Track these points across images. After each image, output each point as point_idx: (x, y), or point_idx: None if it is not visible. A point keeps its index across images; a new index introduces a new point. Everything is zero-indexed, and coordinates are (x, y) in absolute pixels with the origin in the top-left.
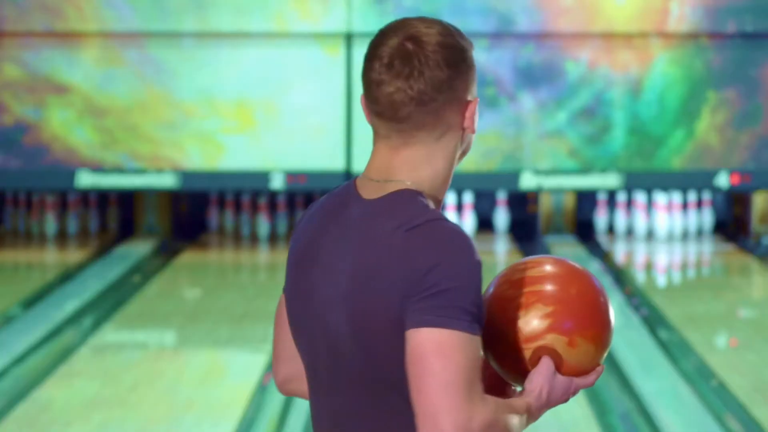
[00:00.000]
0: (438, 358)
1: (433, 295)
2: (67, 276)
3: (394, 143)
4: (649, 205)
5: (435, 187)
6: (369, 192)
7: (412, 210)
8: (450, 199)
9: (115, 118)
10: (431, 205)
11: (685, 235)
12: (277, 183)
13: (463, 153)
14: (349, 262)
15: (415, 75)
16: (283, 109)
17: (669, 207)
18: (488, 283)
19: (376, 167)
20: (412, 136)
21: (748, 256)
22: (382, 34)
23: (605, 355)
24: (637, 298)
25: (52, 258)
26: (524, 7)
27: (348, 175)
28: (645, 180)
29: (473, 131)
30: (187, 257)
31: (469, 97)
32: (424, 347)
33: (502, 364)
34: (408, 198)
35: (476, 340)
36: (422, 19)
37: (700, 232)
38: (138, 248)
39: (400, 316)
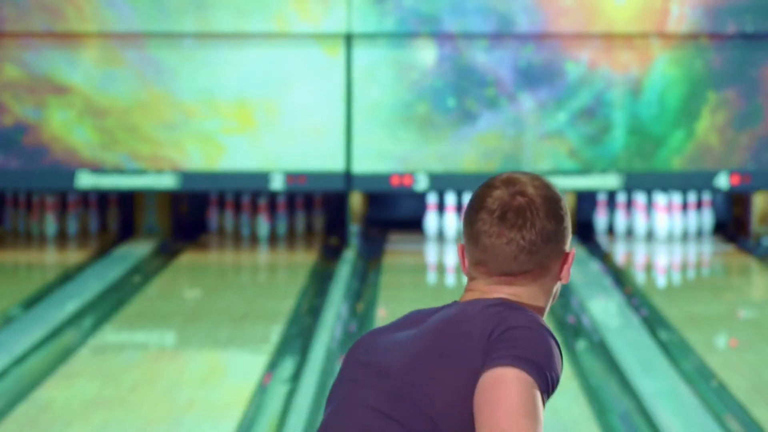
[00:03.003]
0: (514, 387)
1: (514, 346)
2: (67, 276)
3: (495, 285)
4: (649, 205)
5: None
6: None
7: (513, 304)
8: (450, 199)
9: (115, 118)
10: None
11: (685, 236)
12: (277, 183)
13: (552, 300)
14: (442, 314)
15: (527, 227)
16: (283, 109)
17: (669, 207)
18: None
19: (471, 297)
20: (516, 281)
21: (748, 257)
22: (489, 187)
23: None
24: (637, 299)
25: (52, 258)
26: (524, 7)
27: (348, 176)
28: (645, 180)
29: (566, 281)
30: (187, 258)
31: (567, 249)
32: (505, 376)
33: None
34: (507, 301)
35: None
36: (526, 174)
37: (699, 233)
38: (138, 249)
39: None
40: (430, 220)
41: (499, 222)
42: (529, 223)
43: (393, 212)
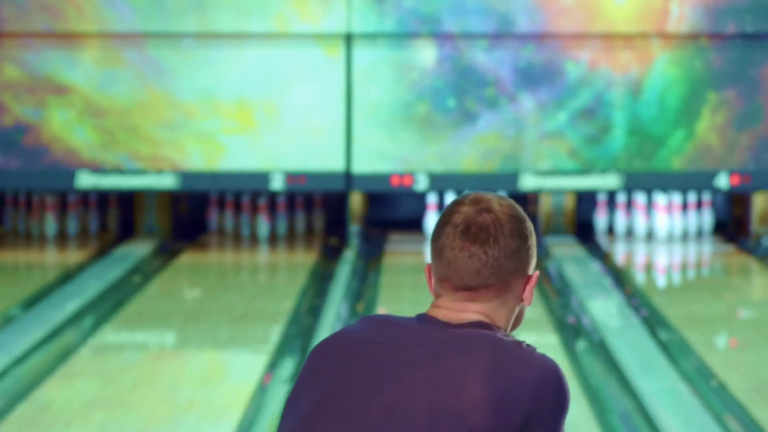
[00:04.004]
0: None
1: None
2: (67, 276)
3: (460, 302)
4: (649, 205)
5: None
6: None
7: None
8: (450, 199)
9: (115, 118)
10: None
11: (684, 236)
12: (277, 183)
13: (515, 324)
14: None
15: (490, 242)
16: (283, 109)
17: (669, 208)
18: None
19: (442, 315)
20: (479, 297)
21: (748, 257)
22: (457, 203)
23: None
24: (637, 299)
25: (52, 258)
26: (524, 7)
27: (348, 176)
28: (645, 180)
29: (529, 303)
30: (187, 258)
31: (530, 271)
32: None
33: None
34: (489, 326)
35: None
36: (494, 194)
37: (699, 233)
38: (138, 249)
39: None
40: (430, 220)
41: (462, 236)
42: (492, 238)
43: (393, 212)
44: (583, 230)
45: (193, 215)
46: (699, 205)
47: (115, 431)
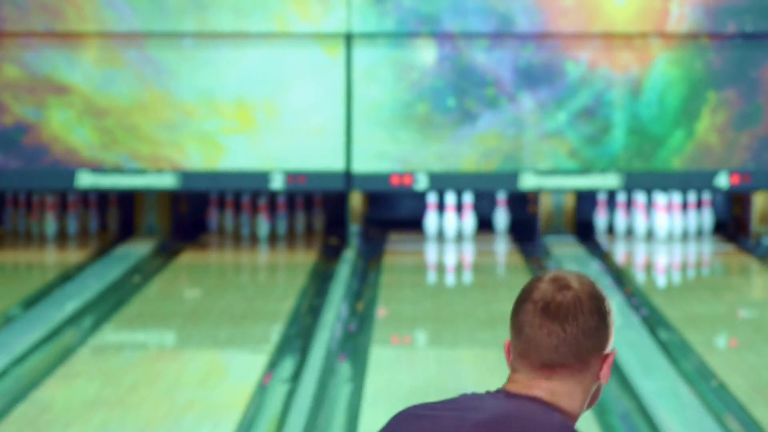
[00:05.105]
0: None
1: None
2: (67, 276)
3: (534, 379)
4: (649, 205)
5: None
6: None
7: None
8: (450, 199)
9: (115, 118)
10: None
11: (684, 236)
12: (277, 183)
13: (591, 402)
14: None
15: (569, 320)
16: (283, 109)
17: (669, 207)
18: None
19: (512, 389)
20: (555, 374)
21: (748, 257)
22: (536, 280)
23: None
24: (636, 299)
25: (52, 258)
26: (524, 7)
27: (348, 176)
28: (645, 180)
29: (606, 381)
30: (187, 257)
31: (608, 350)
32: None
33: None
34: (546, 405)
35: None
36: (573, 272)
37: (699, 233)
38: (138, 248)
39: None
40: (430, 220)
41: (542, 314)
42: (572, 316)
43: (393, 212)
44: (583, 230)
45: (193, 215)
46: (699, 204)
47: (115, 431)
